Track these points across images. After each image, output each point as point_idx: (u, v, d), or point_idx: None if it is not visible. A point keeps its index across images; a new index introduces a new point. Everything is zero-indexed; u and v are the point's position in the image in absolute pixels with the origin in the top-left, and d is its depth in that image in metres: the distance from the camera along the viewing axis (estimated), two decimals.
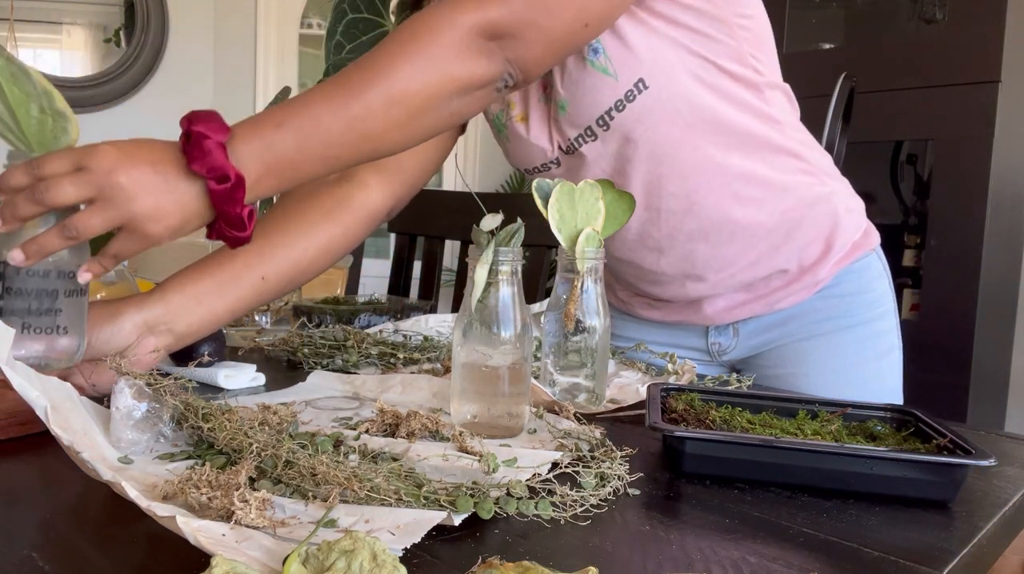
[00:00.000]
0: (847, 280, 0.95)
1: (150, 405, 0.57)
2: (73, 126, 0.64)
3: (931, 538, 0.49)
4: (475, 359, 0.65)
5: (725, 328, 1.00)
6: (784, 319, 0.97)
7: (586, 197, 0.76)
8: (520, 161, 0.97)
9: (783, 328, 0.97)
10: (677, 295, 0.98)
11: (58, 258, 0.62)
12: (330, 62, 0.97)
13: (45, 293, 0.62)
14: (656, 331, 1.05)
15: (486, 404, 0.65)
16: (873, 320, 0.96)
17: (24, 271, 0.61)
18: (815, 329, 0.96)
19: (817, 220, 0.92)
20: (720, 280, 0.94)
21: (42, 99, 0.62)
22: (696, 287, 0.95)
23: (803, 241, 0.92)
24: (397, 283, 1.68)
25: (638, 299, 1.05)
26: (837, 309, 0.95)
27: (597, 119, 0.86)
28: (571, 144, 0.90)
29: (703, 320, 0.99)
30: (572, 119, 0.88)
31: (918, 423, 0.64)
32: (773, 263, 0.93)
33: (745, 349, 1.01)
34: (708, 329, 1.01)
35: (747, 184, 0.89)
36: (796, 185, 0.91)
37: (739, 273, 0.93)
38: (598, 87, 0.84)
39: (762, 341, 0.99)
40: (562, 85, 0.86)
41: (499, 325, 0.64)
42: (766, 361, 0.99)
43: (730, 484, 0.57)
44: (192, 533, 0.40)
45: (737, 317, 0.98)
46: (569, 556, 0.44)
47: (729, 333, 1.01)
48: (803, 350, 0.96)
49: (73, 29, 3.30)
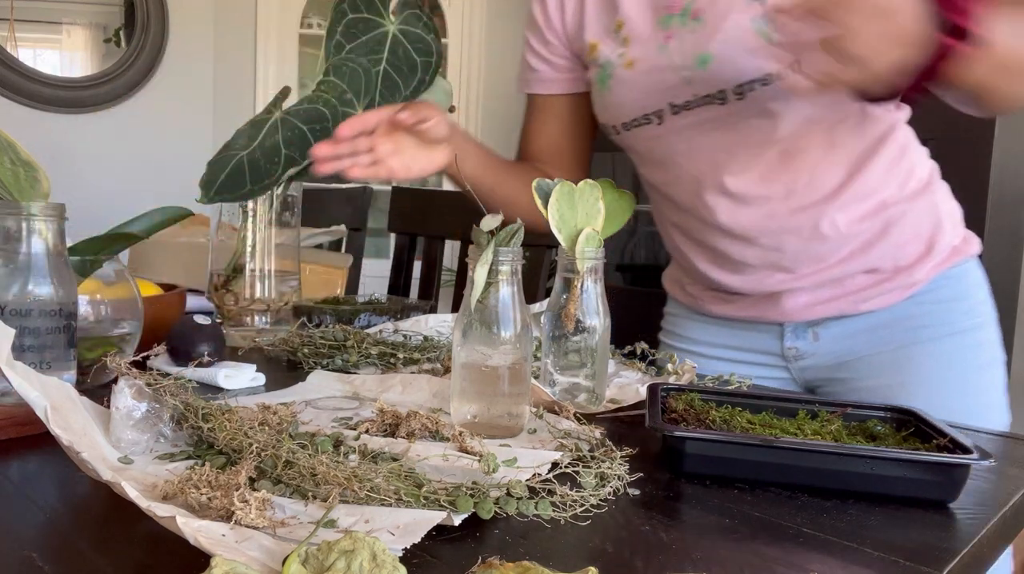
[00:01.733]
0: (944, 285, 0.90)
1: (150, 405, 0.57)
2: (42, 175, 0.69)
3: (931, 538, 0.49)
4: (475, 359, 0.65)
5: (804, 330, 0.94)
6: (872, 325, 0.91)
7: (586, 197, 0.76)
8: (616, 113, 0.94)
9: (871, 335, 0.91)
10: (757, 287, 0.93)
11: (40, 297, 0.66)
12: (330, 62, 0.97)
13: (28, 330, 0.65)
14: (726, 332, 1.00)
15: (486, 404, 0.65)
16: (973, 329, 0.91)
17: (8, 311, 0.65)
18: (910, 337, 0.90)
19: (919, 218, 0.89)
20: (807, 274, 0.89)
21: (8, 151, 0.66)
22: (780, 279, 0.91)
23: (901, 239, 0.88)
24: (397, 283, 1.68)
25: (710, 294, 1.00)
26: (934, 316, 0.90)
27: (739, 85, 0.83)
28: (688, 102, 0.87)
29: (780, 316, 0.93)
30: (711, 77, 0.83)
31: (918, 423, 0.64)
32: (867, 260, 0.88)
33: (827, 356, 0.94)
34: (784, 331, 0.95)
35: (855, 180, 0.86)
36: (901, 181, 0.88)
37: (828, 268, 0.89)
38: (756, 53, 0.81)
39: (846, 348, 0.92)
40: (715, 39, 0.82)
41: (499, 325, 0.64)
42: (855, 372, 0.92)
43: (730, 484, 0.57)
44: (192, 533, 0.40)
45: (819, 315, 0.92)
46: (569, 556, 0.44)
47: (808, 336, 0.94)
48: (899, 359, 0.90)
49: (73, 29, 3.30)
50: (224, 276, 1.05)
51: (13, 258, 0.65)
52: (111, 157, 3.35)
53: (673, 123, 0.89)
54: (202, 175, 0.92)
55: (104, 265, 0.79)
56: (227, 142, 0.95)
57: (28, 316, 0.65)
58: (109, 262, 0.79)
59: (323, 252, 1.56)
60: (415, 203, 1.70)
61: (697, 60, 0.84)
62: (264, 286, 1.05)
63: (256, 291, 1.04)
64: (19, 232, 0.65)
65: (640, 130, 0.92)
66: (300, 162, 0.94)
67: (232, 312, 1.03)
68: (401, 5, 0.99)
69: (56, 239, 0.67)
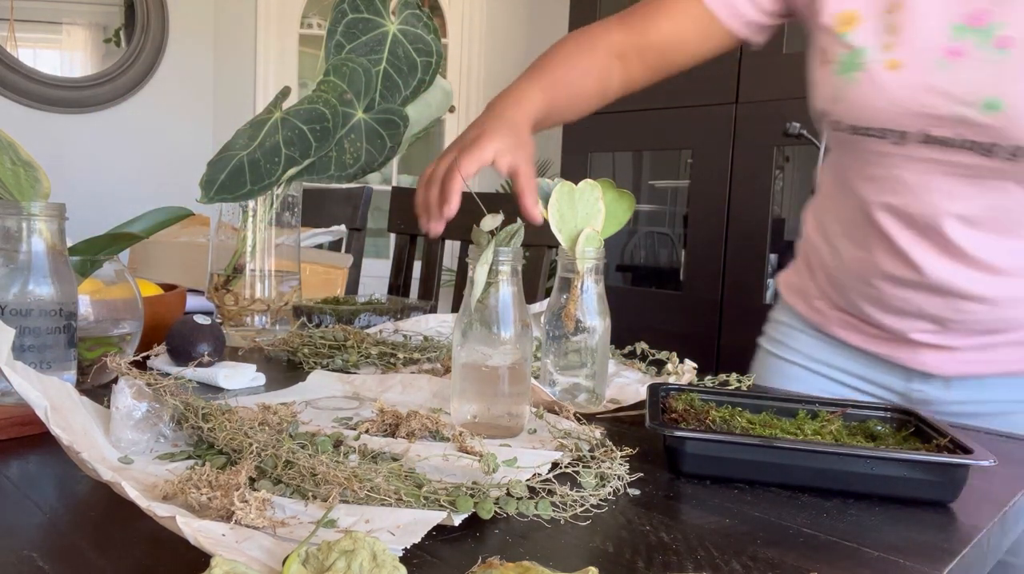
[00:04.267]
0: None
1: (150, 405, 0.57)
2: (42, 175, 0.69)
3: (931, 538, 0.48)
4: (475, 359, 0.65)
5: (934, 378, 0.86)
6: (1017, 384, 0.83)
7: (586, 197, 0.76)
8: (848, 111, 0.79)
9: (1013, 393, 0.84)
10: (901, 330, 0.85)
11: (40, 297, 0.66)
12: (330, 62, 0.97)
13: (28, 330, 0.65)
14: (847, 357, 0.92)
15: (486, 404, 0.65)
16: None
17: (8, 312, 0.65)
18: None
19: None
20: (961, 339, 0.82)
21: (8, 151, 0.66)
22: (930, 334, 0.83)
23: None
24: (397, 283, 1.68)
25: (839, 315, 0.91)
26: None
27: (1018, 148, 0.70)
28: (947, 139, 0.73)
29: (914, 364, 0.86)
30: (993, 126, 0.70)
31: (918, 423, 0.64)
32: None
33: (955, 406, 0.86)
34: (911, 373, 0.87)
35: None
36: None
37: (985, 335, 0.82)
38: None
39: (979, 400, 0.85)
40: (1018, 85, 0.69)
41: (499, 325, 0.64)
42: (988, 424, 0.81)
43: (730, 484, 0.57)
44: (192, 533, 0.40)
45: (960, 372, 0.84)
46: (569, 556, 0.44)
47: (939, 383, 0.86)
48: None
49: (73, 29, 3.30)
50: (224, 276, 1.05)
51: (13, 258, 0.66)
52: (111, 157, 3.35)
53: (914, 151, 0.76)
54: (202, 175, 0.92)
55: (104, 265, 0.79)
56: (227, 142, 0.95)
57: (28, 316, 0.65)
58: (109, 262, 0.79)
59: (323, 252, 1.56)
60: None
61: (984, 102, 0.71)
62: (264, 286, 1.05)
63: (256, 291, 1.04)
64: (19, 232, 0.65)
65: (871, 140, 0.79)
66: (300, 162, 0.94)
67: (232, 312, 1.03)
68: (401, 5, 0.99)
69: (56, 239, 0.67)
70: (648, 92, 0.99)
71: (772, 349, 1.01)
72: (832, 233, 0.91)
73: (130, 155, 3.39)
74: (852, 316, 0.90)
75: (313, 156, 0.95)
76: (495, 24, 3.63)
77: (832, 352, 0.93)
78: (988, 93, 0.70)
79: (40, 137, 3.17)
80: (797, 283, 0.98)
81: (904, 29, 0.74)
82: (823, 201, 0.94)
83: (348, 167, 0.98)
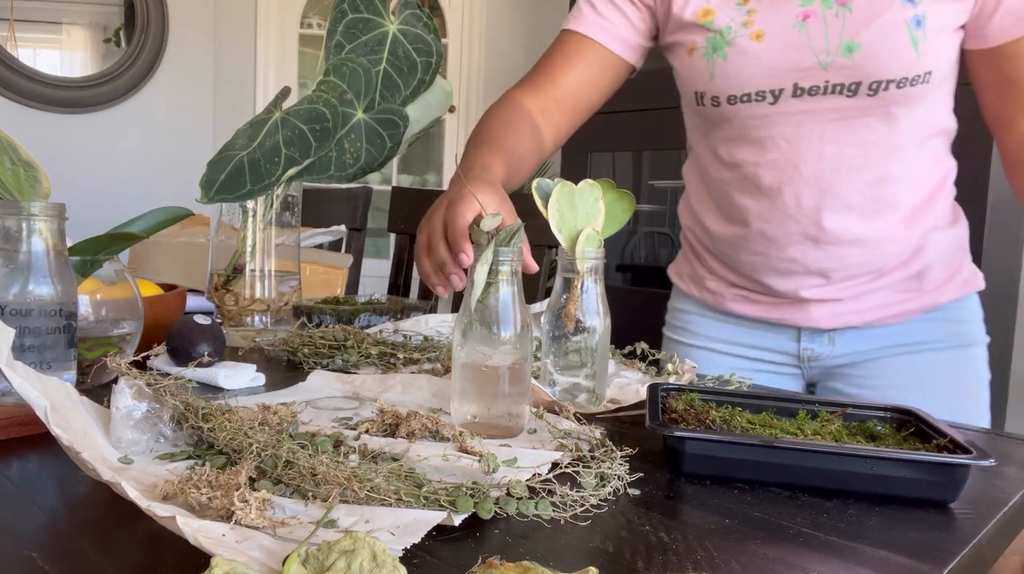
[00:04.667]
0: (955, 309, 0.97)
1: (150, 405, 0.57)
2: (42, 174, 0.69)
3: (931, 538, 0.49)
4: (475, 359, 0.65)
5: (821, 335, 0.98)
6: (887, 334, 0.97)
7: (586, 197, 0.76)
8: (727, 85, 0.91)
9: (883, 342, 0.97)
10: (791, 290, 0.96)
11: (40, 297, 0.66)
12: (330, 62, 0.97)
13: (28, 330, 0.65)
14: (742, 331, 1.03)
15: (486, 404, 0.65)
16: (973, 345, 0.98)
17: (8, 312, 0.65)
18: (918, 347, 0.96)
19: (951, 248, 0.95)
20: (845, 286, 0.94)
21: (9, 152, 0.66)
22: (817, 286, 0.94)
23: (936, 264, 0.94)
24: (397, 283, 1.68)
25: (734, 291, 1.02)
26: (942, 331, 0.96)
27: (877, 81, 0.84)
28: (816, 87, 0.86)
29: (804, 322, 0.97)
30: (852, 67, 0.84)
31: (918, 423, 0.64)
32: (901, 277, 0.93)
33: (839, 358, 0.99)
34: (801, 334, 0.99)
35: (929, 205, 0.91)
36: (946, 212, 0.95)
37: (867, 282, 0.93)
38: (901, 53, 0.83)
39: (857, 351, 0.98)
40: (868, 30, 0.83)
41: (499, 325, 0.64)
42: (862, 371, 0.98)
43: (730, 484, 0.57)
44: (192, 533, 0.40)
45: (843, 324, 0.96)
46: (569, 556, 0.44)
47: (824, 340, 0.99)
48: (904, 364, 0.96)
49: (73, 29, 3.30)
50: (224, 276, 1.05)
51: (13, 258, 0.66)
52: (111, 157, 3.35)
53: (789, 106, 0.88)
54: (202, 175, 0.92)
55: (104, 265, 0.79)
56: (227, 142, 0.95)
57: (28, 316, 0.65)
58: (109, 262, 0.79)
59: (323, 252, 1.56)
60: (415, 203, 1.70)
61: (843, 47, 0.84)
62: (264, 286, 1.05)
63: (256, 291, 1.04)
64: (19, 232, 0.65)
65: (748, 106, 0.91)
66: (300, 162, 0.94)
67: (232, 312, 1.03)
68: (401, 5, 0.99)
69: (56, 239, 0.67)
70: (648, 92, 1.00)
71: (675, 336, 1.10)
72: (710, 218, 1.02)
73: (130, 155, 3.39)
74: (746, 289, 1.00)
75: (313, 156, 0.95)
76: (495, 24, 3.63)
77: (731, 329, 1.04)
78: (846, 39, 0.84)
79: (40, 137, 3.17)
80: (688, 270, 1.09)
81: (759, 10, 0.88)
82: (694, 193, 1.05)
83: (348, 167, 0.98)
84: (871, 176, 0.89)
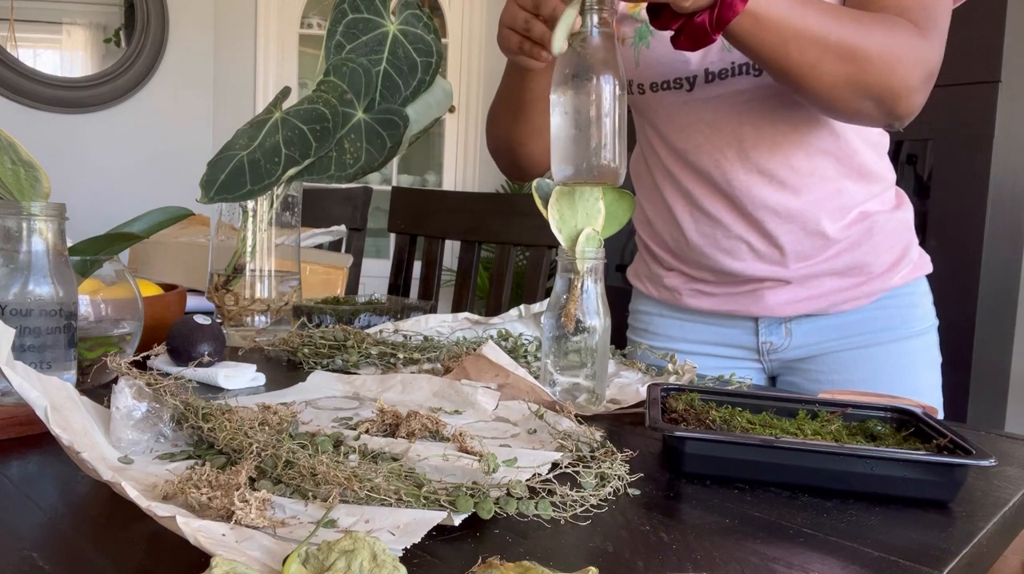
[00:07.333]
0: (905, 293, 0.99)
1: (150, 405, 0.57)
2: (42, 174, 0.69)
3: (931, 538, 0.49)
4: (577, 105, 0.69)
5: (777, 326, 1.01)
6: (842, 324, 0.99)
7: (586, 197, 0.76)
8: (650, 72, 0.97)
9: (839, 332, 0.99)
10: (741, 270, 0.98)
11: (40, 297, 0.66)
12: (330, 62, 0.97)
13: (28, 330, 0.65)
14: (702, 327, 1.05)
15: (590, 149, 0.69)
16: (924, 333, 1.00)
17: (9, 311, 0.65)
18: (874, 338, 0.98)
19: (896, 231, 0.97)
20: (796, 268, 0.96)
21: (8, 151, 0.66)
22: (769, 270, 0.97)
23: (881, 247, 0.96)
24: (397, 283, 1.69)
25: (691, 286, 1.04)
26: (894, 319, 0.98)
27: None
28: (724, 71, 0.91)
29: (761, 310, 0.99)
30: None
31: (918, 423, 0.64)
32: (849, 261, 0.96)
33: (797, 350, 1.01)
34: (759, 327, 1.01)
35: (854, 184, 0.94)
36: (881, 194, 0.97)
37: (815, 265, 0.96)
38: None
39: (814, 343, 1.00)
40: None
41: (597, 75, 0.68)
42: (820, 365, 1.00)
43: (730, 484, 0.57)
44: (192, 533, 0.40)
45: (796, 312, 0.99)
46: (569, 556, 0.44)
47: (781, 331, 1.01)
48: (862, 357, 0.98)
49: (73, 29, 3.30)
50: (224, 276, 1.05)
51: (13, 258, 0.66)
52: (111, 157, 3.35)
53: (704, 91, 0.93)
54: (202, 175, 0.92)
55: (104, 265, 0.79)
56: (227, 142, 0.95)
57: (28, 316, 0.65)
58: (109, 262, 0.79)
59: (323, 252, 1.56)
60: (415, 203, 1.70)
61: None
62: (264, 286, 1.05)
63: (256, 291, 1.04)
64: (19, 232, 0.65)
65: (668, 94, 0.96)
66: (300, 162, 0.94)
67: (232, 312, 1.03)
68: (401, 5, 0.99)
69: (56, 239, 0.67)
70: None
71: (637, 338, 1.12)
72: (655, 210, 1.05)
73: (130, 155, 3.39)
74: (702, 281, 1.03)
75: (313, 156, 0.95)
76: (495, 24, 3.62)
77: (690, 327, 1.07)
78: None
79: (40, 137, 3.17)
80: (645, 270, 1.12)
81: None
82: (641, 188, 1.08)
83: (348, 167, 0.98)
84: (792, 149, 0.92)
